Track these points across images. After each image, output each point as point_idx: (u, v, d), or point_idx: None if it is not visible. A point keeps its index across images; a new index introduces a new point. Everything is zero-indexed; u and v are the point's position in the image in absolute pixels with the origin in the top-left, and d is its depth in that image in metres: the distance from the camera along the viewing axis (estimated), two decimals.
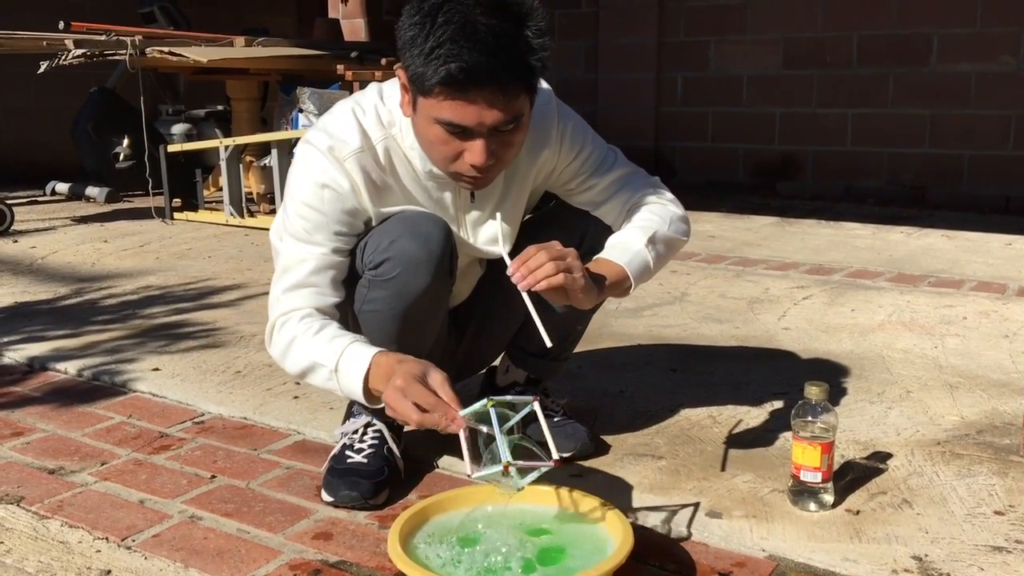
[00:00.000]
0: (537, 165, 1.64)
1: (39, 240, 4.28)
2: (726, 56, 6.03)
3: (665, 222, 1.64)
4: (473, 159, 1.40)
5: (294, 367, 1.52)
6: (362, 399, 1.44)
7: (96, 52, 4.46)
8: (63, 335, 2.66)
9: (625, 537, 1.29)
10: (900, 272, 3.46)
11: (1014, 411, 1.99)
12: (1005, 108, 5.19)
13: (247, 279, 3.41)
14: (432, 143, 1.44)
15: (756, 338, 2.61)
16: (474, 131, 1.38)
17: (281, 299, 1.54)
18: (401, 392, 1.32)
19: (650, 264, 1.58)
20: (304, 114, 4.61)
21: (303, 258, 1.53)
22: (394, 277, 1.52)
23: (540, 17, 1.38)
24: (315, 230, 1.53)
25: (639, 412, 2.02)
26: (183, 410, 2.11)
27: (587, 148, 1.67)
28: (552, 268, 1.36)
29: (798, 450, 1.55)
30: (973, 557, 1.40)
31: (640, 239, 1.58)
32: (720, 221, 4.76)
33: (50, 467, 1.80)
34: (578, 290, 1.40)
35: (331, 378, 1.46)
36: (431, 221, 1.55)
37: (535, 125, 1.56)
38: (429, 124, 1.41)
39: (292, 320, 1.52)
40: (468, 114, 1.36)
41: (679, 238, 1.67)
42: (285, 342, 1.52)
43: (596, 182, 1.68)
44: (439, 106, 1.37)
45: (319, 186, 1.51)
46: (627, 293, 1.58)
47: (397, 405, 1.33)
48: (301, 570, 1.42)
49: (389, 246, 1.52)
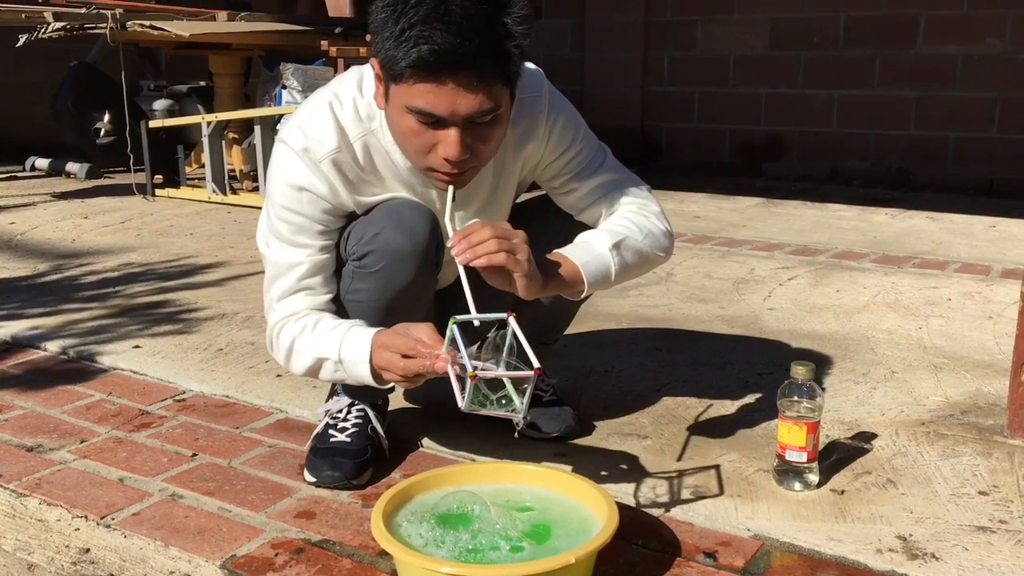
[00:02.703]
0: (523, 157, 1.58)
1: (18, 216, 4.22)
2: (713, 36, 6.00)
3: (641, 233, 1.54)
4: (447, 151, 1.34)
5: (301, 368, 1.52)
6: (372, 383, 1.43)
7: (76, 25, 4.39)
8: (43, 312, 2.63)
9: (611, 516, 1.29)
10: (885, 253, 3.47)
11: (998, 392, 1.99)
12: (991, 90, 5.19)
13: (229, 257, 3.38)
14: (405, 135, 1.37)
15: (741, 318, 2.61)
16: (447, 120, 1.31)
17: (276, 307, 1.54)
18: (384, 347, 1.35)
19: (611, 270, 1.49)
20: (287, 90, 4.57)
21: (292, 263, 1.51)
22: (378, 270, 1.49)
23: (521, 3, 1.32)
24: (298, 232, 1.50)
25: (625, 391, 2.02)
26: (164, 388, 2.09)
27: (575, 147, 1.59)
28: (495, 245, 1.29)
29: (783, 430, 1.55)
30: (957, 537, 1.41)
31: (606, 242, 1.50)
32: (706, 202, 4.75)
33: (28, 445, 1.78)
34: (520, 275, 1.32)
35: (338, 369, 1.46)
36: (417, 211, 1.51)
37: (524, 114, 1.51)
38: (401, 114, 1.34)
39: (289, 324, 1.52)
40: (440, 101, 1.29)
41: (654, 252, 1.57)
42: (286, 347, 1.52)
43: (579, 185, 1.60)
44: (410, 92, 1.30)
45: (296, 189, 1.48)
46: (579, 296, 1.50)
47: (382, 360, 1.35)
48: (283, 548, 1.41)
49: (373, 238, 1.48)
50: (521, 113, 1.50)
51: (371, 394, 1.71)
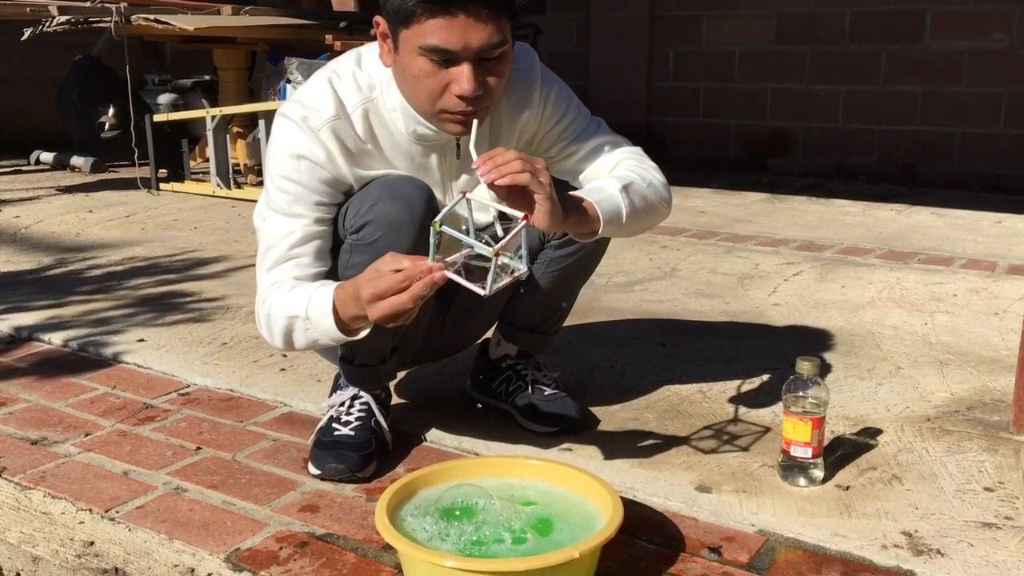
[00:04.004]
0: (519, 126, 1.60)
1: (23, 210, 4.23)
2: (718, 31, 5.98)
3: (644, 181, 1.57)
4: (461, 87, 1.37)
5: (278, 335, 1.50)
6: (339, 334, 1.42)
7: (81, 19, 4.38)
8: (47, 305, 2.63)
9: (615, 511, 1.28)
10: (890, 249, 3.46)
11: (1003, 388, 1.98)
12: (997, 86, 5.17)
13: (234, 251, 3.38)
14: (417, 78, 1.39)
15: (746, 314, 2.60)
16: (460, 55, 1.35)
17: (264, 277, 1.53)
18: (373, 285, 1.28)
19: (622, 210, 1.49)
20: (292, 84, 4.56)
21: (286, 232, 1.51)
22: (375, 240, 1.49)
23: None
24: (295, 202, 1.50)
25: (629, 386, 2.01)
26: (168, 381, 2.09)
27: (570, 114, 1.63)
28: (519, 166, 1.29)
29: (788, 425, 1.54)
30: (963, 533, 1.40)
31: (615, 186, 1.51)
32: (711, 197, 4.74)
33: (33, 438, 1.78)
34: (543, 197, 1.31)
35: (308, 327, 1.44)
36: (412, 184, 1.53)
37: (517, 84, 1.54)
38: (413, 57, 1.37)
39: (271, 293, 1.51)
40: (453, 35, 1.33)
41: (657, 201, 1.59)
42: (265, 314, 1.51)
43: (577, 148, 1.64)
44: (422, 31, 1.34)
45: (295, 157, 1.49)
46: (593, 235, 1.49)
47: (373, 291, 1.28)
48: (287, 542, 1.40)
49: (370, 209, 1.49)
50: (515, 82, 1.52)
51: (372, 381, 1.71)
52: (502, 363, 1.87)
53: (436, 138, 1.53)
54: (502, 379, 1.85)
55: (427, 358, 1.94)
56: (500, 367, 1.87)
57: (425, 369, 2.08)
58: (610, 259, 2.32)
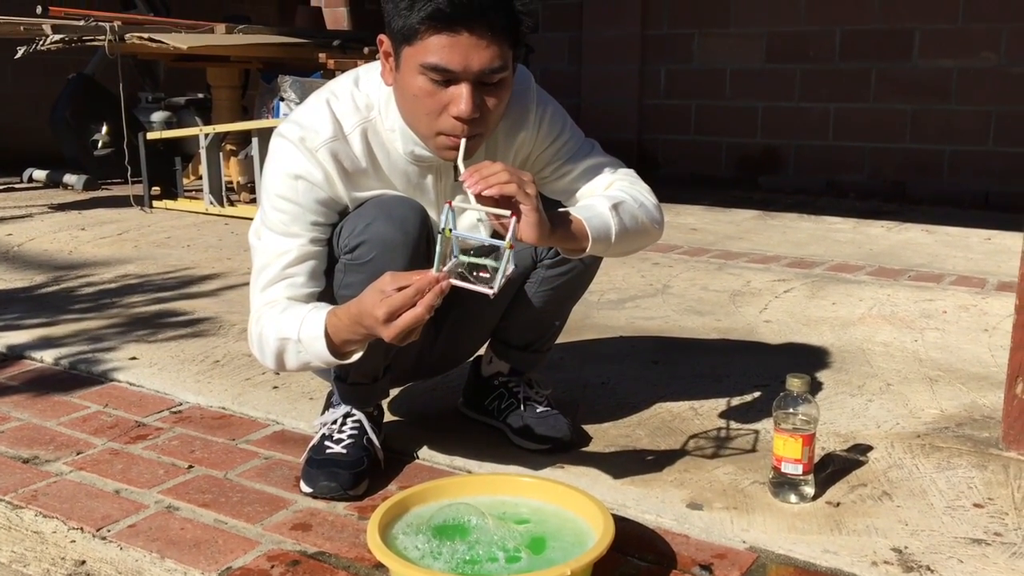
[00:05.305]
0: (514, 147, 1.62)
1: (15, 228, 4.22)
2: (709, 49, 6.02)
3: (635, 202, 1.57)
4: (458, 108, 1.37)
5: (270, 355, 1.50)
6: (331, 358, 1.42)
7: (74, 37, 4.40)
8: (40, 323, 2.63)
9: (606, 528, 1.29)
10: (880, 266, 3.48)
11: (993, 404, 2.00)
12: (985, 104, 5.22)
13: (227, 268, 3.38)
14: (416, 98, 1.41)
15: (737, 330, 2.61)
16: (460, 75, 1.36)
17: (257, 297, 1.53)
18: (386, 304, 1.27)
19: (611, 229, 1.49)
20: (285, 103, 4.57)
21: (281, 251, 1.51)
22: (369, 260, 1.50)
23: None
24: (292, 222, 1.51)
25: (621, 404, 2.02)
26: (160, 399, 2.09)
27: (564, 135, 1.65)
28: (506, 176, 1.30)
29: (779, 442, 1.55)
30: (952, 549, 1.41)
31: (605, 204, 1.52)
32: (702, 214, 4.76)
33: (24, 456, 1.78)
34: (530, 208, 1.31)
35: (300, 350, 1.44)
36: (406, 204, 1.54)
37: (513, 105, 1.54)
38: (413, 76, 1.39)
39: (264, 312, 1.51)
40: (455, 55, 1.34)
41: (648, 222, 1.59)
42: (257, 334, 1.51)
43: (571, 168, 1.65)
44: (424, 48, 1.35)
45: (292, 177, 1.49)
46: (582, 252, 1.49)
47: (387, 310, 1.27)
48: (279, 561, 1.40)
49: (364, 229, 1.50)
50: (511, 103, 1.53)
51: (365, 400, 1.71)
52: (494, 380, 1.87)
53: (433, 159, 1.54)
54: (494, 397, 1.86)
55: (420, 376, 1.94)
56: (492, 384, 1.87)
57: (417, 387, 2.08)
58: (602, 276, 2.33)
